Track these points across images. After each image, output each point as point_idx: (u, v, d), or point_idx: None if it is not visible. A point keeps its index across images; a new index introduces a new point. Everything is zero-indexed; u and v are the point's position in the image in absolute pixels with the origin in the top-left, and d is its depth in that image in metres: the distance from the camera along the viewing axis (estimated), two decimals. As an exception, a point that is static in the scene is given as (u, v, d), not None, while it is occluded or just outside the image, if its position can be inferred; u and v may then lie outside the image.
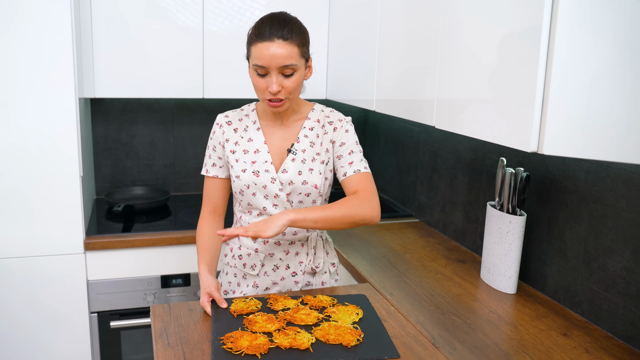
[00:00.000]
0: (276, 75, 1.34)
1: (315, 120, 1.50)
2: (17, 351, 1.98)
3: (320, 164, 1.47)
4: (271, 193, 1.45)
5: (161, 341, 1.25)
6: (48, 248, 1.95)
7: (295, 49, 1.34)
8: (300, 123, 1.50)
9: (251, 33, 1.37)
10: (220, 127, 1.51)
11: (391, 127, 2.59)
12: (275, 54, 1.31)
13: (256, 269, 1.51)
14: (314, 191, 1.47)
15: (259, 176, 1.45)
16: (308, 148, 1.47)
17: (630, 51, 1.00)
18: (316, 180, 1.46)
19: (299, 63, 1.36)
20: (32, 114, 1.85)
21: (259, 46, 1.33)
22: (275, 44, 1.31)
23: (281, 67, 1.33)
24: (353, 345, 1.21)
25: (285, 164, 1.46)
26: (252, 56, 1.36)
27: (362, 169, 1.46)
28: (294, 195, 1.47)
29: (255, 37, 1.34)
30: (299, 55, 1.35)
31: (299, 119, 1.50)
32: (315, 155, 1.48)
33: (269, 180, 1.45)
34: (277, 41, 1.32)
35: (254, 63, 1.35)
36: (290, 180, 1.45)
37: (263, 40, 1.32)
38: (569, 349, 1.32)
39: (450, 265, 1.85)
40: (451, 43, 1.40)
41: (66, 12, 1.82)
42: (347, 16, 2.17)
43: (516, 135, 1.14)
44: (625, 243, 1.35)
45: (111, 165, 2.57)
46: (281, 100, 1.37)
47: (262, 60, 1.32)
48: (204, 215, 1.56)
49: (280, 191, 1.45)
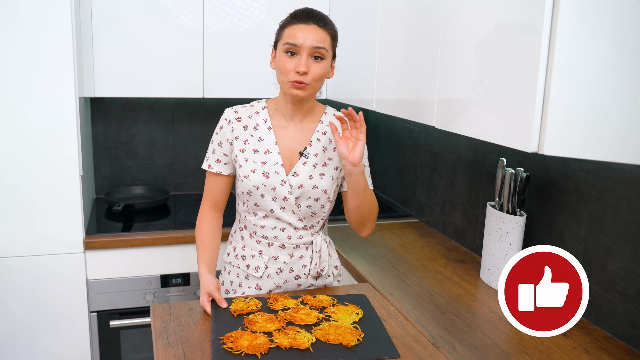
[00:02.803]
0: (306, 56, 1.36)
1: (328, 124, 1.49)
2: (17, 350, 1.98)
3: (334, 170, 1.47)
4: (280, 196, 1.44)
5: (161, 341, 1.25)
6: (48, 247, 1.95)
7: (328, 37, 1.39)
8: (313, 126, 1.48)
9: (286, 19, 1.41)
10: (229, 123, 1.48)
11: (391, 127, 2.59)
12: (310, 35, 1.36)
13: (260, 271, 1.50)
14: (324, 196, 1.47)
15: (269, 178, 1.44)
16: (320, 152, 1.47)
17: (630, 52, 1.00)
18: (326, 185, 1.46)
19: (329, 51, 1.39)
20: (32, 113, 1.85)
21: (294, 27, 1.37)
22: (312, 27, 1.37)
23: (313, 49, 1.35)
24: (353, 345, 1.21)
25: (297, 167, 1.45)
26: (284, 36, 1.39)
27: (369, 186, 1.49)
28: (302, 199, 1.45)
29: (291, 19, 1.40)
30: (330, 44, 1.40)
31: (312, 121, 1.49)
32: (327, 160, 1.47)
33: (278, 182, 1.44)
34: (313, 25, 1.37)
35: (286, 42, 1.37)
36: (301, 184, 1.44)
37: (299, 22, 1.37)
38: (569, 349, 1.32)
39: (450, 265, 1.85)
40: (451, 43, 1.40)
41: (66, 11, 1.82)
42: (347, 16, 2.17)
43: (516, 135, 1.14)
44: (625, 243, 1.35)
45: (111, 164, 2.57)
46: (305, 84, 1.37)
47: (296, 38, 1.36)
48: (204, 210, 1.54)
49: (290, 194, 1.44)
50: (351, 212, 1.48)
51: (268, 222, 1.48)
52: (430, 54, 1.51)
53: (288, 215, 1.47)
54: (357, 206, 1.44)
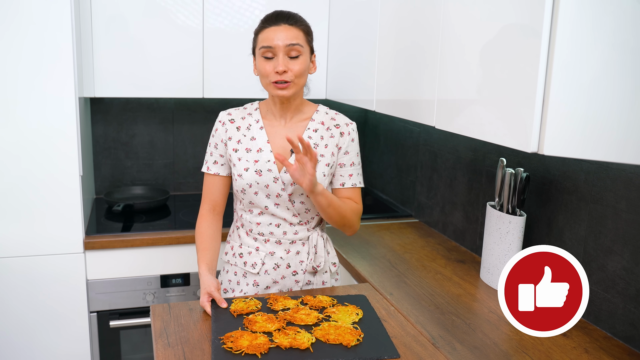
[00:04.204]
0: (282, 56, 1.38)
1: (320, 122, 1.51)
2: (16, 350, 1.98)
3: (325, 166, 1.48)
4: (273, 192, 1.46)
5: (161, 341, 1.25)
6: (47, 247, 1.95)
7: (300, 33, 1.41)
8: (304, 124, 1.50)
9: (258, 25, 1.44)
10: (222, 125, 1.52)
11: (391, 127, 2.59)
12: (282, 34, 1.38)
13: (257, 268, 1.51)
14: None
15: (262, 175, 1.45)
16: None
17: (630, 52, 1.00)
18: (319, 181, 1.46)
19: (304, 46, 1.41)
20: (32, 113, 1.85)
21: (266, 31, 1.40)
22: (282, 27, 1.39)
23: (287, 47, 1.38)
24: (353, 345, 1.21)
25: None
26: (258, 42, 1.42)
27: (357, 184, 1.53)
28: (295, 195, 1.47)
29: (262, 24, 1.42)
30: (304, 39, 1.42)
31: (303, 120, 1.51)
32: (319, 157, 1.48)
33: (271, 179, 1.45)
34: (284, 25, 1.40)
35: (261, 45, 1.40)
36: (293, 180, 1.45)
37: (270, 25, 1.40)
38: (569, 349, 1.32)
39: (450, 265, 1.85)
40: (451, 43, 1.40)
41: (66, 12, 1.82)
42: (347, 16, 2.17)
43: (516, 135, 1.14)
44: (624, 243, 1.35)
45: (111, 164, 2.57)
46: (287, 82, 1.39)
47: (269, 41, 1.38)
48: (203, 212, 1.55)
49: (283, 191, 1.45)
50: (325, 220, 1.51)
51: (263, 219, 1.49)
52: (430, 54, 1.51)
53: (283, 212, 1.48)
54: (327, 218, 1.47)
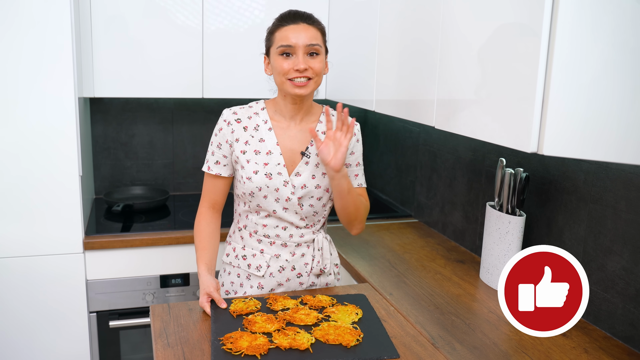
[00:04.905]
0: (302, 54, 1.37)
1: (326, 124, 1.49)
2: (16, 350, 1.98)
3: None
4: (283, 196, 1.44)
5: (161, 341, 1.25)
6: (47, 247, 1.95)
7: (318, 33, 1.41)
8: (313, 126, 1.49)
9: (273, 23, 1.42)
10: (228, 125, 1.47)
11: (390, 127, 2.59)
12: (302, 33, 1.37)
13: (262, 270, 1.50)
14: (326, 195, 1.48)
15: (272, 179, 1.44)
16: None
17: (630, 52, 1.00)
18: (328, 184, 1.47)
19: (322, 47, 1.41)
20: (32, 113, 1.85)
21: (284, 29, 1.39)
22: (302, 26, 1.38)
23: (307, 47, 1.37)
24: (353, 345, 1.21)
25: (299, 167, 1.45)
26: (276, 40, 1.40)
27: (363, 184, 1.55)
28: (305, 199, 1.46)
29: (279, 22, 1.41)
30: (321, 40, 1.42)
31: (312, 121, 1.50)
32: None
33: (281, 183, 1.44)
34: (303, 24, 1.39)
35: (280, 44, 1.38)
36: (304, 184, 1.44)
37: (288, 24, 1.39)
38: (568, 349, 1.32)
39: (450, 265, 1.85)
40: (451, 43, 1.40)
41: (66, 12, 1.82)
42: (346, 16, 2.17)
43: (516, 135, 1.14)
44: (624, 244, 1.35)
45: (110, 164, 2.57)
46: (308, 80, 1.38)
47: (289, 39, 1.37)
48: (202, 210, 1.54)
49: (292, 194, 1.44)
50: (337, 211, 1.50)
51: (270, 222, 1.48)
52: (429, 54, 1.51)
53: (290, 215, 1.47)
54: (342, 207, 1.46)
